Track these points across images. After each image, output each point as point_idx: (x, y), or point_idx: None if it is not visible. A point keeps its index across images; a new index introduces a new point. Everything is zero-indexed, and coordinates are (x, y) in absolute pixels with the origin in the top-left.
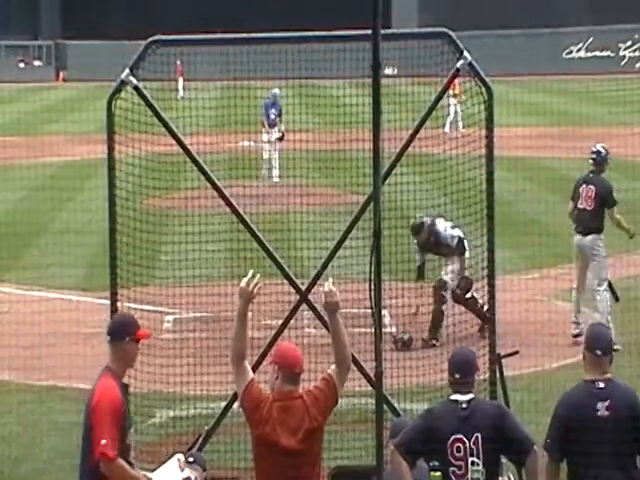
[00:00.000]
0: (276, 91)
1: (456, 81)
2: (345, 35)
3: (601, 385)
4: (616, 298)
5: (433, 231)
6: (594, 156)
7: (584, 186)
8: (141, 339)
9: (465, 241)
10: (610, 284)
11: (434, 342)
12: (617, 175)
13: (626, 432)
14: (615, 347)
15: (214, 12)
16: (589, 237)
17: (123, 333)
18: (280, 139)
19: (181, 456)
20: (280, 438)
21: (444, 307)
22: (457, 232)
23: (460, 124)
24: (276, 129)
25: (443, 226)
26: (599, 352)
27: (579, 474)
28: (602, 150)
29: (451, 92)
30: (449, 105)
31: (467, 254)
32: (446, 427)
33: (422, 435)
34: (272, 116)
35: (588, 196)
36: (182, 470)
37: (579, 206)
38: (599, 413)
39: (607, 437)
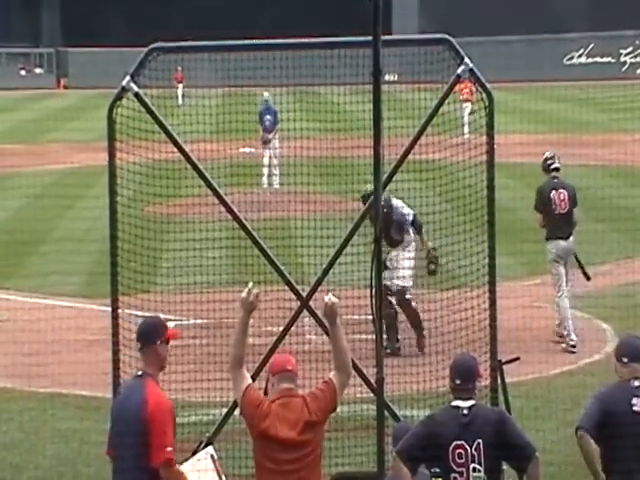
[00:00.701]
0: (266, 95)
1: (469, 85)
2: (346, 41)
3: (636, 384)
4: (588, 277)
5: (387, 203)
6: (554, 162)
7: (554, 192)
8: (171, 339)
9: (417, 217)
10: (579, 260)
11: (423, 341)
12: (618, 182)
13: None
14: (571, 342)
15: (214, 19)
16: (570, 239)
17: (154, 337)
18: (265, 142)
19: (212, 450)
20: (279, 431)
21: (414, 304)
22: (409, 210)
23: (466, 128)
24: (275, 135)
25: (396, 202)
26: (625, 359)
27: (612, 461)
28: (555, 155)
29: (461, 97)
30: (465, 109)
31: (424, 233)
32: (447, 433)
33: (423, 441)
34: (267, 122)
35: (562, 200)
36: (220, 477)
37: (556, 213)
38: (635, 408)
39: None
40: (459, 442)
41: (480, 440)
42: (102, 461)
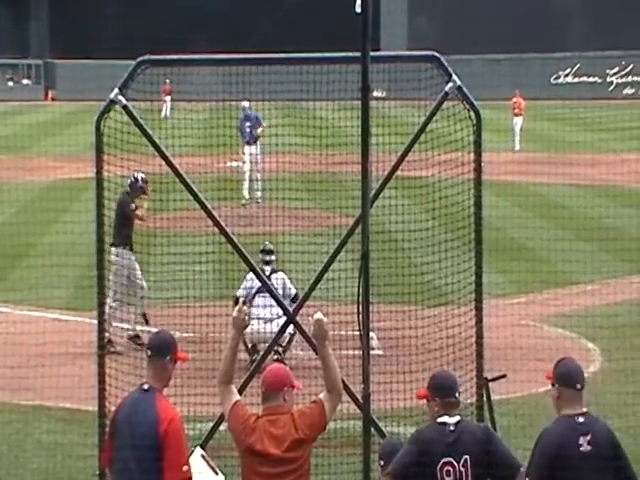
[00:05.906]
0: (245, 104)
1: (520, 100)
2: (334, 57)
3: (581, 420)
4: None
5: None
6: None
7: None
8: (179, 361)
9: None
10: None
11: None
12: (606, 202)
13: (607, 469)
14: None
15: (204, 33)
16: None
17: (165, 351)
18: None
19: (201, 451)
20: (266, 447)
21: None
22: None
23: (517, 144)
24: (255, 145)
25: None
26: (579, 386)
27: None
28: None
29: (513, 112)
30: (516, 124)
31: None
32: (435, 450)
33: (414, 459)
34: (247, 129)
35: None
36: (217, 474)
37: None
38: (582, 448)
39: (589, 473)
40: (447, 459)
41: (467, 456)
42: (86, 474)
